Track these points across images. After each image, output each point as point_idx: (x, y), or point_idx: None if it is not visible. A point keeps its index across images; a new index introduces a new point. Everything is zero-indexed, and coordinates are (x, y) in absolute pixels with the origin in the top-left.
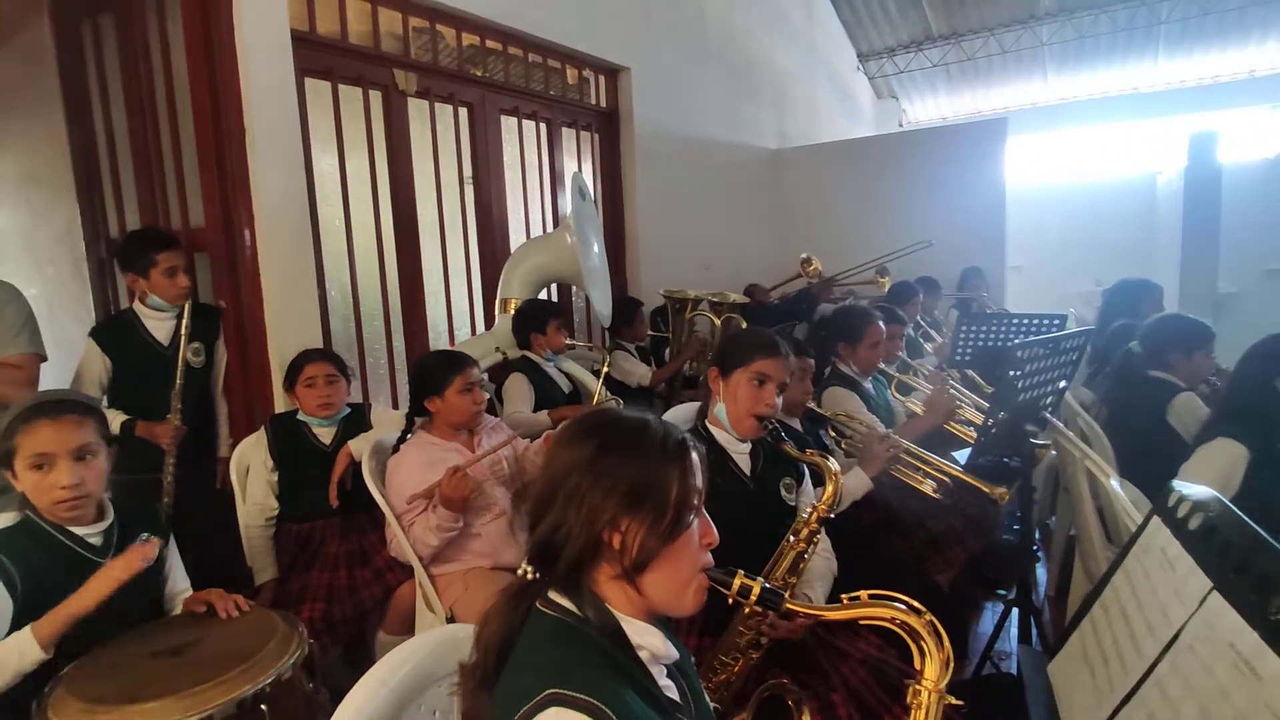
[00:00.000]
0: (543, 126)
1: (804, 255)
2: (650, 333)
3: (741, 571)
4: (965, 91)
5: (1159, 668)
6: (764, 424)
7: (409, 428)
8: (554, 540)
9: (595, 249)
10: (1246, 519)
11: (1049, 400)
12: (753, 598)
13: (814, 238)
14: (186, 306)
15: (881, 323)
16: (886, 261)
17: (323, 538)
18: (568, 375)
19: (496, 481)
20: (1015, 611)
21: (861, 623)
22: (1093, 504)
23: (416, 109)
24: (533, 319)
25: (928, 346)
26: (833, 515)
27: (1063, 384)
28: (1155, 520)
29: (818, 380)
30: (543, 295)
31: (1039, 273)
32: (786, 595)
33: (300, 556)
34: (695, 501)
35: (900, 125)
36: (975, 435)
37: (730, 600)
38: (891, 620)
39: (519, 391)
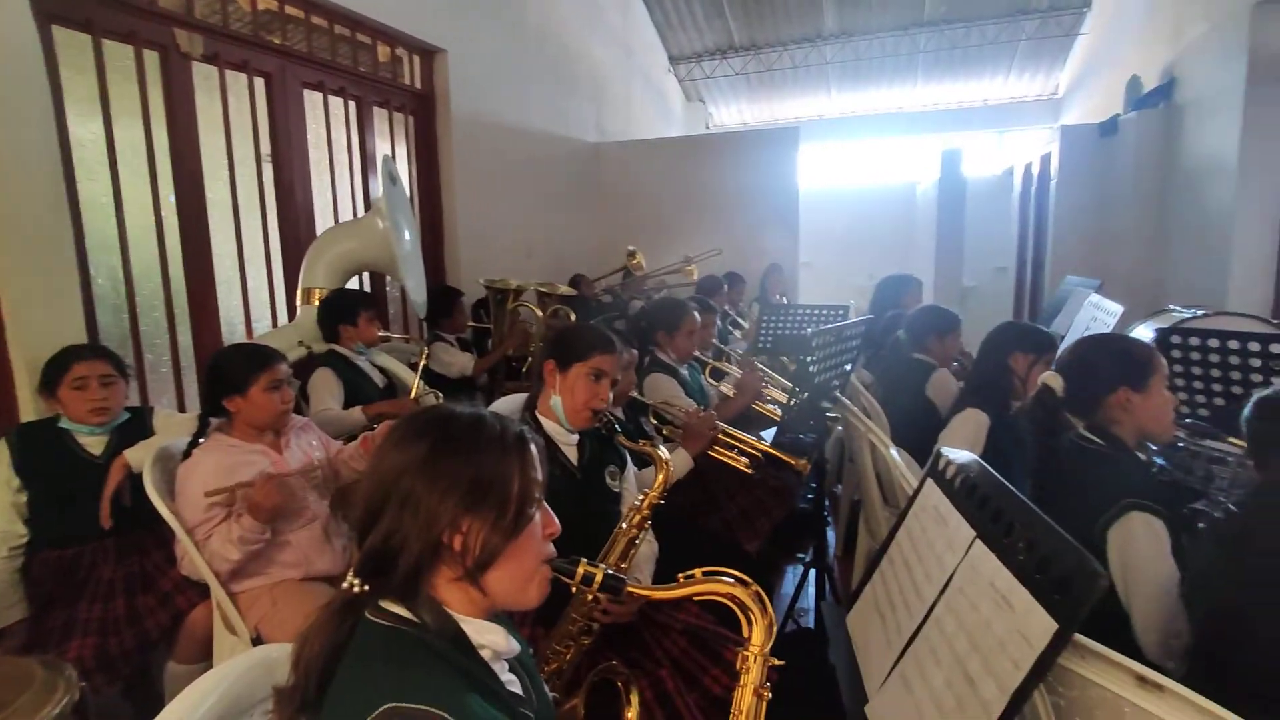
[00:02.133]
0: (351, 104)
1: (630, 248)
2: (471, 323)
3: (584, 560)
4: (763, 100)
5: (936, 609)
6: (598, 416)
7: (202, 430)
8: (388, 548)
9: (408, 235)
10: (999, 476)
11: (837, 381)
12: (595, 585)
13: (632, 230)
14: None
15: (696, 313)
16: (682, 266)
17: (93, 562)
18: (381, 369)
19: (308, 485)
20: (812, 572)
21: (695, 599)
22: (874, 471)
23: (204, 76)
24: (342, 310)
25: (736, 333)
26: (663, 501)
27: (848, 366)
28: (929, 482)
29: (638, 369)
30: (352, 284)
31: (824, 268)
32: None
33: (63, 587)
34: (537, 494)
35: (707, 127)
36: (780, 414)
37: (574, 588)
38: (725, 595)
39: (326, 387)
